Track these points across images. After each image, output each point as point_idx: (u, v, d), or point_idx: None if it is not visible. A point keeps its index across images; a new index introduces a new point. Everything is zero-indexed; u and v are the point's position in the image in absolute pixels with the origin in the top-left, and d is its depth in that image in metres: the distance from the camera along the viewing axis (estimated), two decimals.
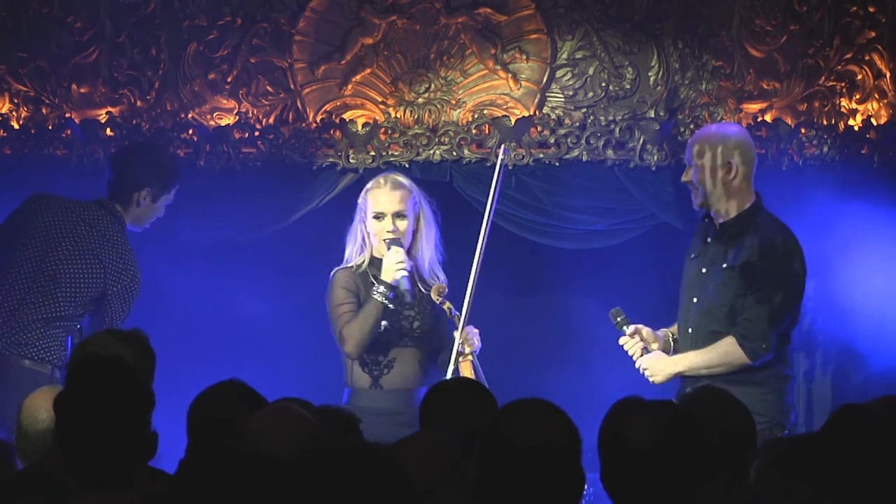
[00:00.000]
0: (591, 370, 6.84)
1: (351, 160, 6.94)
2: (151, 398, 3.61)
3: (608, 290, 6.85)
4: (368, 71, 7.00)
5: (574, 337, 7.03)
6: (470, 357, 6.01)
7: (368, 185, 6.20)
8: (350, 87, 7.00)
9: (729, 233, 5.85)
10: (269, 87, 6.98)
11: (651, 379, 5.87)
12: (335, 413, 4.06)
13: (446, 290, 6.09)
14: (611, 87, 6.97)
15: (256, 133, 6.93)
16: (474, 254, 6.09)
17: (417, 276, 6.13)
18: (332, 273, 6.15)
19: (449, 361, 5.98)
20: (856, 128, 6.94)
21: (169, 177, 6.45)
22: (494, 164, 6.91)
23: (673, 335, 6.01)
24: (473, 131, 6.94)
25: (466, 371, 5.97)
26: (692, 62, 6.96)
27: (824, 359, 6.91)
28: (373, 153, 6.93)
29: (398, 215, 6.10)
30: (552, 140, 6.93)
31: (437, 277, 6.17)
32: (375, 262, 6.12)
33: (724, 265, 5.78)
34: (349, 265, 6.14)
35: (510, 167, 6.76)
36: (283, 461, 3.34)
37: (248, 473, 3.20)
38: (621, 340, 5.97)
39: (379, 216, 6.10)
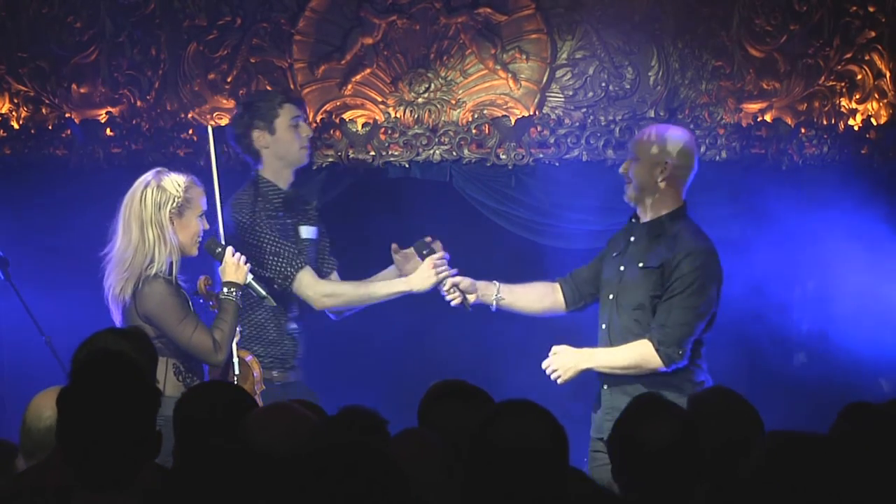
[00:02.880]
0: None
1: (351, 160, 6.94)
2: (157, 397, 3.60)
3: None
4: (368, 71, 7.00)
5: (573, 336, 7.01)
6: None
7: (182, 182, 5.73)
8: (350, 87, 7.01)
9: (650, 233, 5.81)
10: (269, 87, 6.98)
11: (558, 379, 5.80)
12: (361, 413, 4.04)
13: (210, 280, 5.81)
14: (611, 87, 6.97)
15: None
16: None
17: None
18: (142, 285, 5.62)
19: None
20: (856, 128, 6.94)
21: (266, 103, 6.16)
22: (494, 165, 6.94)
23: (498, 290, 6.00)
24: (473, 131, 6.95)
25: (246, 354, 5.81)
26: (692, 62, 6.96)
27: (823, 357, 6.91)
28: (373, 153, 6.93)
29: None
30: (552, 140, 6.93)
31: None
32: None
33: (641, 265, 5.75)
34: (167, 276, 5.67)
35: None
36: (281, 458, 3.34)
37: (246, 470, 3.19)
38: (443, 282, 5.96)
39: (203, 215, 5.79)
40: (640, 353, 5.70)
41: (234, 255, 5.80)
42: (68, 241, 6.75)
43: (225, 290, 5.77)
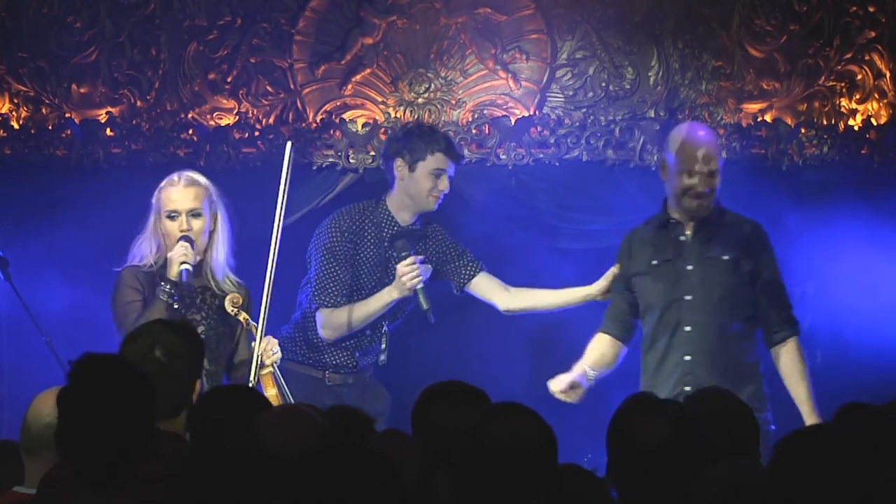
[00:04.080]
0: None
1: (351, 160, 6.95)
2: (154, 397, 3.60)
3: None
4: (368, 71, 7.00)
5: (574, 336, 7.02)
6: (270, 369, 5.66)
7: (162, 184, 5.78)
8: (350, 87, 7.01)
9: (712, 226, 5.77)
10: (269, 87, 6.99)
11: None
12: (349, 413, 4.05)
13: (241, 300, 5.71)
14: (611, 87, 6.97)
15: (256, 133, 6.93)
16: (268, 263, 5.72)
17: (211, 279, 5.77)
18: (119, 271, 5.76)
19: (249, 375, 5.64)
20: (856, 128, 6.94)
21: (421, 143, 6.12)
22: (494, 165, 6.94)
23: (591, 369, 5.93)
24: (473, 131, 6.95)
25: (268, 384, 5.65)
26: (692, 62, 6.96)
27: (824, 358, 6.91)
28: (373, 153, 6.93)
29: (192, 213, 5.71)
30: (552, 140, 6.93)
31: (231, 283, 5.78)
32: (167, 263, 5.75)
33: (726, 256, 5.73)
34: (137, 263, 5.74)
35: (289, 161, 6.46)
36: (290, 460, 3.34)
37: (254, 472, 3.21)
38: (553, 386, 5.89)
39: (173, 215, 5.70)
40: (800, 355, 5.76)
41: (180, 247, 5.68)
42: (68, 241, 6.75)
43: (163, 287, 5.62)
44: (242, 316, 5.72)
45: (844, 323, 6.74)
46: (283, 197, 5.78)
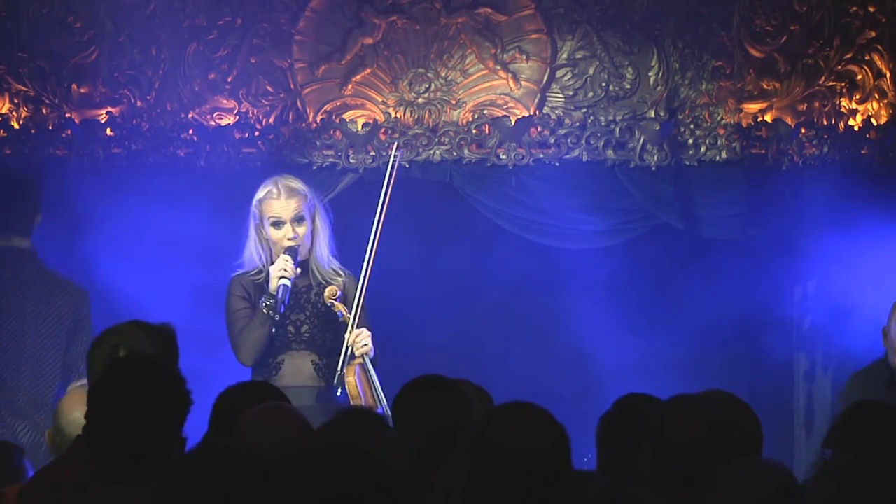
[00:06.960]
0: (591, 370, 6.84)
1: (351, 160, 6.94)
2: (188, 404, 3.62)
3: (608, 290, 6.85)
4: (368, 71, 7.00)
5: (574, 337, 7.03)
6: (359, 360, 5.82)
7: (261, 195, 6.00)
8: (350, 87, 7.00)
9: None
10: (269, 87, 6.99)
11: None
12: (362, 413, 4.04)
13: (338, 292, 5.88)
14: (611, 87, 6.97)
15: (256, 133, 6.93)
16: (364, 259, 5.92)
17: (318, 275, 5.97)
18: (229, 278, 6.02)
19: (337, 365, 5.82)
20: (856, 128, 6.94)
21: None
22: (494, 165, 6.94)
23: None
24: (473, 131, 6.95)
25: (350, 376, 5.78)
26: (692, 62, 6.96)
27: (824, 359, 6.92)
28: (373, 153, 6.93)
29: (297, 220, 5.93)
30: (552, 140, 6.93)
31: (339, 275, 5.99)
32: None
33: None
34: (246, 271, 6.01)
35: (406, 165, 6.69)
36: (272, 459, 3.35)
37: (236, 470, 3.21)
38: None
39: (277, 224, 5.94)
40: None
41: (281, 261, 5.88)
42: (68, 240, 6.75)
43: (265, 300, 5.85)
44: (338, 307, 5.89)
45: (845, 323, 6.74)
46: (387, 196, 6.02)
